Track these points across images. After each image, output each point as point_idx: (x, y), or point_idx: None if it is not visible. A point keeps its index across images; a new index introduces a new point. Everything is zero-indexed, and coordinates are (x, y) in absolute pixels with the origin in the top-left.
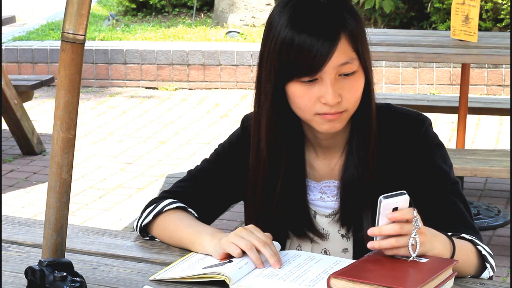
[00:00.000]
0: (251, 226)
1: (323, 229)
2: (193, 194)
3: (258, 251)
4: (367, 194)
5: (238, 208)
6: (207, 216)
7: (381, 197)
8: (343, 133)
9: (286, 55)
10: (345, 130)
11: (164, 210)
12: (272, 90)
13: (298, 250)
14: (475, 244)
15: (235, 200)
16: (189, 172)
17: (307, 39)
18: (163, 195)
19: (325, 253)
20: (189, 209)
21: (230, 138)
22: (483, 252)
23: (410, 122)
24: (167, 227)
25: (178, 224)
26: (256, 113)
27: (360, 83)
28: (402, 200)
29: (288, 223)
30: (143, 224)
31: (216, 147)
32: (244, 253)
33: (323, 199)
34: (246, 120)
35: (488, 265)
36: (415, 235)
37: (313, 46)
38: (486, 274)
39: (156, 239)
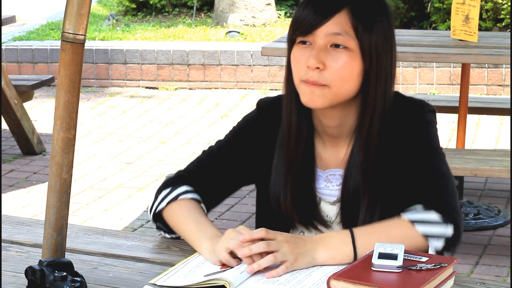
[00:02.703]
0: (240, 228)
1: (327, 216)
2: (208, 173)
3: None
4: (367, 184)
5: (238, 208)
6: (217, 195)
7: None
8: (349, 122)
9: (298, 10)
10: (352, 119)
11: (178, 198)
12: (288, 58)
13: (301, 235)
14: (414, 223)
15: (247, 182)
16: (204, 151)
17: (313, 2)
18: (180, 174)
19: None
20: (202, 204)
21: (246, 119)
22: (421, 229)
23: (412, 107)
24: (176, 216)
25: (186, 217)
26: None
27: (348, 62)
28: None
29: (295, 209)
30: (157, 209)
31: (231, 129)
32: (240, 259)
33: (328, 187)
34: (262, 102)
35: (430, 239)
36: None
37: (314, 8)
38: (433, 245)
39: (160, 234)
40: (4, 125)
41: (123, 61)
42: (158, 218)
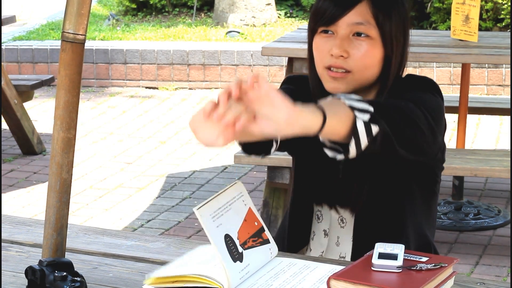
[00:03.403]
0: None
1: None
2: None
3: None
4: (368, 164)
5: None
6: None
7: None
8: None
9: (318, 2)
10: None
11: None
12: (310, 43)
13: (318, 214)
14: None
15: (292, 146)
16: None
17: None
18: None
19: (341, 221)
20: None
21: (282, 87)
22: (346, 102)
23: (414, 79)
24: None
25: None
26: None
27: (371, 51)
28: None
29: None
30: None
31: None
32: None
33: None
34: (290, 76)
35: (355, 111)
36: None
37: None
38: (359, 116)
39: None
40: (4, 125)
41: (123, 61)
42: None
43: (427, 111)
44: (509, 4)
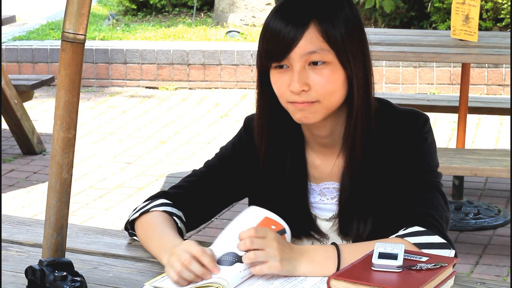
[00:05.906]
0: (186, 244)
1: (323, 232)
2: (193, 194)
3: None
4: (366, 197)
5: (239, 208)
6: (201, 215)
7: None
8: (340, 129)
9: (263, 40)
10: (340, 126)
11: (150, 210)
12: (260, 78)
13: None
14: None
15: (237, 199)
16: (194, 171)
17: (278, 24)
18: (164, 190)
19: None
20: (174, 217)
21: (234, 140)
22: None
23: (407, 120)
24: (143, 228)
25: (153, 232)
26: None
27: (332, 76)
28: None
29: (290, 225)
30: (130, 219)
31: (218, 150)
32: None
33: (323, 201)
34: (248, 121)
35: None
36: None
37: (281, 31)
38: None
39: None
40: (4, 125)
41: (123, 61)
42: (132, 228)
43: (438, 182)
44: (509, 4)
